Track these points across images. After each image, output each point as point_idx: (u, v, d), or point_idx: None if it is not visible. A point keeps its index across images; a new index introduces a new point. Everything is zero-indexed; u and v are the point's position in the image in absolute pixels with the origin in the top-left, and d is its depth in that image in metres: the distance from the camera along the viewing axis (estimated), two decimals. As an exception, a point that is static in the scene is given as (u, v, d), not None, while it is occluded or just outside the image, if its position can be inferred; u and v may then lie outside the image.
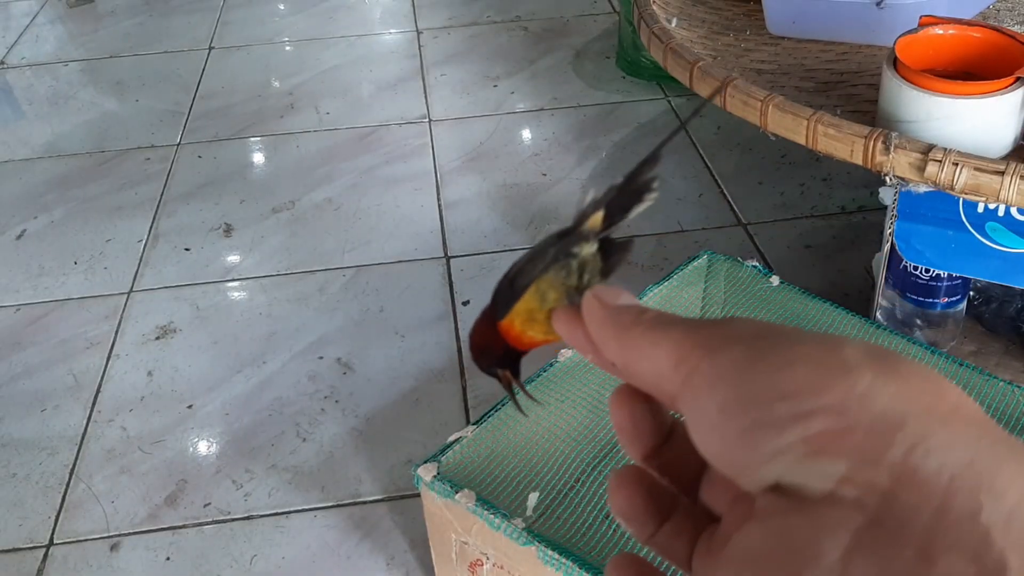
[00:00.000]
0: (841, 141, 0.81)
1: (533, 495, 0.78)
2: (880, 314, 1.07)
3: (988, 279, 0.94)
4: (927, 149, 0.77)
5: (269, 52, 2.18)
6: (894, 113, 0.84)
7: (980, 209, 0.87)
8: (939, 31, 0.88)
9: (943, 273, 1.00)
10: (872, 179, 1.47)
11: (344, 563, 1.03)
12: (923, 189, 0.82)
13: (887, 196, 0.94)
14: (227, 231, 1.57)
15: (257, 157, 1.80)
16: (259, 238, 1.55)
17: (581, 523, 0.76)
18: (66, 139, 1.87)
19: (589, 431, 0.83)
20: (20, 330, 1.39)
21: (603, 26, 2.18)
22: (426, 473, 0.79)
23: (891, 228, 0.93)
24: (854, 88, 0.97)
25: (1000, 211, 0.87)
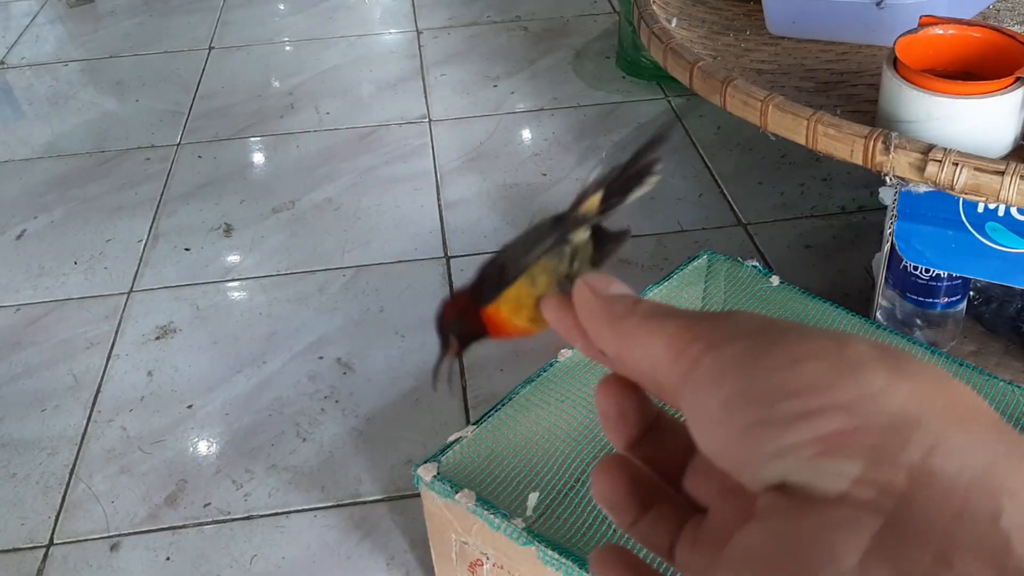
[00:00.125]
0: (841, 141, 0.81)
1: (533, 495, 0.78)
2: (880, 314, 1.07)
3: (988, 279, 0.94)
4: (927, 149, 0.77)
5: (269, 52, 2.18)
6: (894, 113, 0.84)
7: (980, 209, 0.87)
8: (939, 31, 0.88)
9: (943, 273, 1.00)
10: (872, 179, 1.47)
11: (344, 563, 1.03)
12: (923, 189, 0.82)
13: (887, 196, 0.94)
14: (227, 231, 1.57)
15: (257, 157, 1.80)
16: (259, 238, 1.55)
17: (581, 523, 0.76)
18: (66, 139, 1.87)
19: (589, 431, 0.83)
20: (20, 330, 1.39)
21: (603, 26, 2.18)
22: (426, 473, 0.79)
23: (891, 228, 0.93)
24: (854, 88, 0.97)
25: (1000, 211, 0.87)
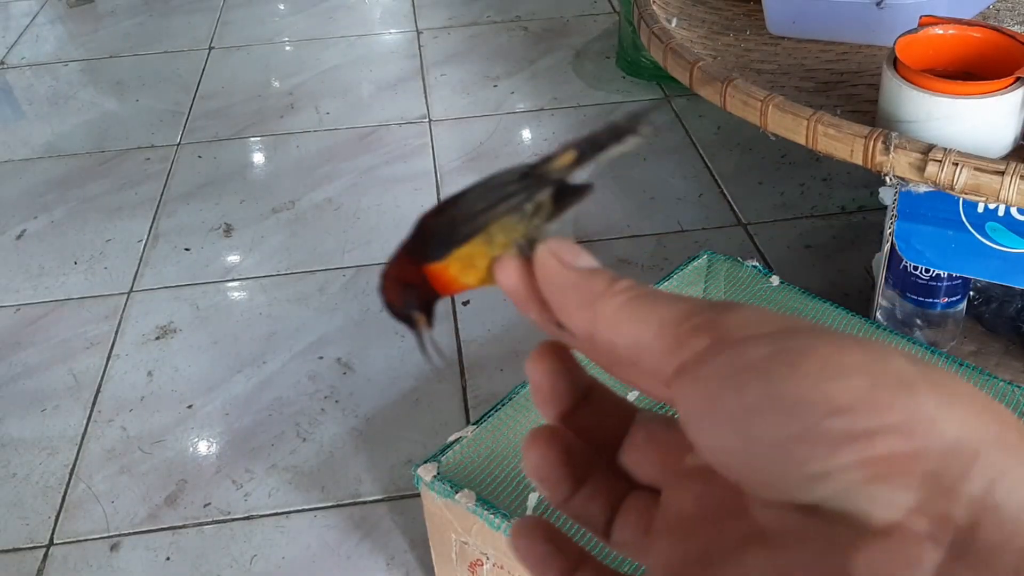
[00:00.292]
0: (841, 141, 0.81)
1: (533, 495, 0.78)
2: (880, 314, 1.07)
3: (988, 279, 0.94)
4: (927, 149, 0.77)
5: (269, 52, 2.18)
6: (894, 113, 0.84)
7: (980, 209, 0.87)
8: (939, 31, 0.88)
9: (943, 273, 1.00)
10: (872, 179, 1.47)
11: (344, 563, 1.03)
12: (923, 189, 0.82)
13: (887, 196, 0.94)
14: (227, 231, 1.57)
15: (257, 157, 1.80)
16: (259, 238, 1.55)
17: (581, 523, 0.75)
18: (66, 139, 1.87)
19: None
20: (20, 330, 1.39)
21: (603, 26, 2.18)
22: (426, 473, 0.79)
23: (891, 228, 0.93)
24: (854, 88, 0.97)
25: (1000, 211, 0.87)
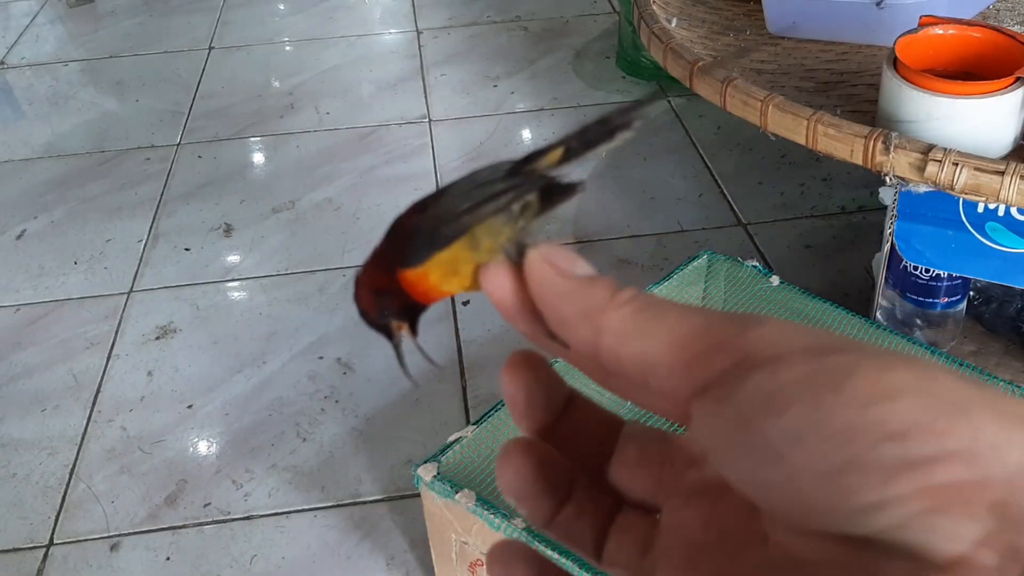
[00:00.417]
0: (841, 141, 0.81)
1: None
2: (880, 314, 1.07)
3: (988, 279, 0.94)
4: (927, 149, 0.77)
5: (269, 52, 2.18)
6: (894, 113, 0.84)
7: (980, 209, 0.87)
8: (939, 31, 0.88)
9: (943, 273, 1.00)
10: (872, 179, 1.47)
11: (344, 563, 1.03)
12: (923, 189, 0.82)
13: (887, 196, 0.94)
14: (227, 231, 1.57)
15: (257, 157, 1.80)
16: (259, 238, 1.55)
17: (581, 523, 0.75)
18: (66, 139, 1.87)
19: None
20: (20, 330, 1.39)
21: (603, 26, 2.18)
22: (426, 473, 0.79)
23: (891, 228, 0.93)
24: (854, 88, 0.97)
25: (1000, 211, 0.87)
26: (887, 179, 0.81)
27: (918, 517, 0.16)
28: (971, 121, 0.81)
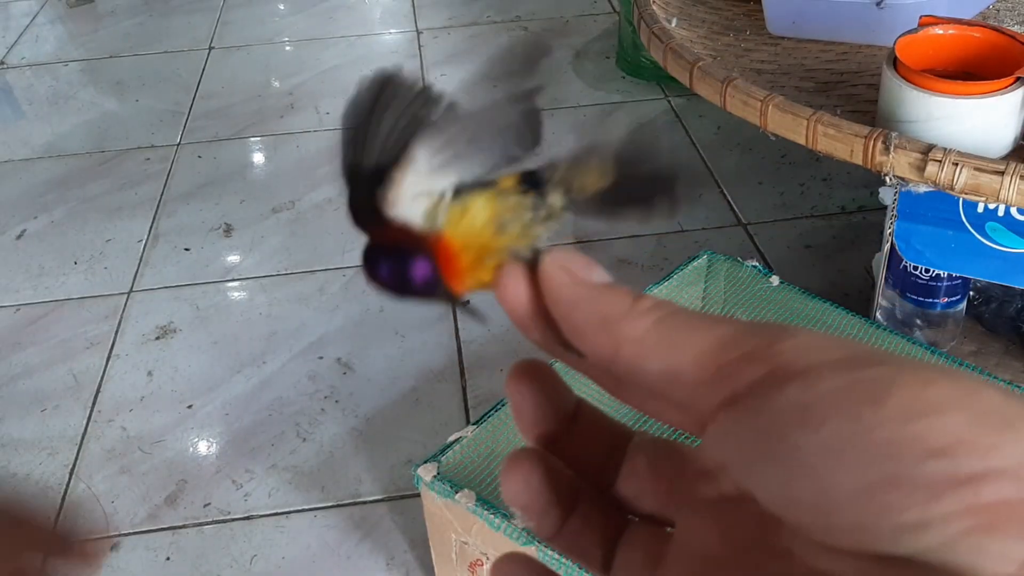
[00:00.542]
0: (841, 141, 0.81)
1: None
2: (880, 314, 1.07)
3: (988, 279, 0.94)
4: (927, 149, 0.77)
5: (269, 52, 2.18)
6: (894, 113, 0.84)
7: (980, 209, 0.87)
8: (939, 31, 0.88)
9: (943, 273, 1.00)
10: (872, 179, 1.47)
11: (344, 563, 1.03)
12: (923, 189, 0.82)
13: (887, 196, 0.94)
14: (227, 231, 1.57)
15: (257, 157, 1.81)
16: (259, 238, 1.55)
17: (581, 523, 0.75)
18: (66, 139, 1.87)
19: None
20: (20, 330, 1.39)
21: (603, 26, 2.18)
22: (426, 473, 0.79)
23: (891, 228, 0.93)
24: (854, 88, 0.97)
25: (1000, 211, 0.87)
26: (887, 179, 0.81)
27: (964, 537, 0.15)
28: (971, 121, 0.81)
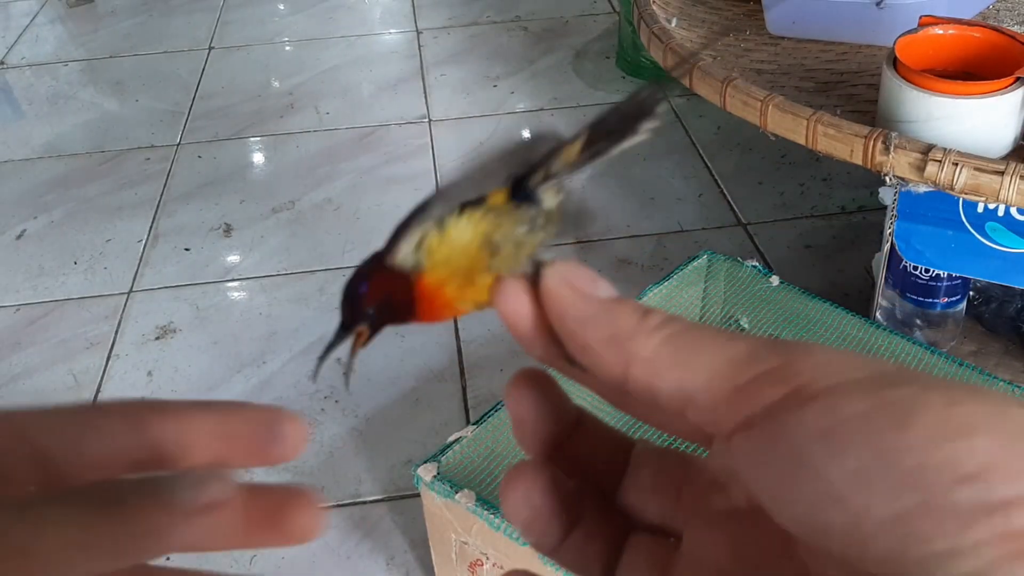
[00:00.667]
0: (841, 141, 0.81)
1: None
2: (880, 314, 1.07)
3: (988, 279, 0.94)
4: (927, 149, 0.77)
5: (269, 52, 2.18)
6: (894, 113, 0.84)
7: (980, 209, 0.87)
8: (939, 31, 0.88)
9: (943, 273, 1.00)
10: (872, 179, 1.47)
11: (344, 563, 1.03)
12: (923, 189, 0.82)
13: (887, 196, 0.94)
14: (227, 231, 1.57)
15: (257, 157, 1.80)
16: (259, 238, 1.55)
17: (581, 523, 0.75)
18: (66, 139, 1.87)
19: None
20: (20, 330, 1.39)
21: (603, 26, 2.18)
22: (426, 473, 0.79)
23: (891, 228, 0.93)
24: (854, 88, 0.97)
25: (1000, 211, 0.87)
26: (887, 179, 0.81)
27: (997, 565, 0.15)
28: (971, 121, 0.81)
